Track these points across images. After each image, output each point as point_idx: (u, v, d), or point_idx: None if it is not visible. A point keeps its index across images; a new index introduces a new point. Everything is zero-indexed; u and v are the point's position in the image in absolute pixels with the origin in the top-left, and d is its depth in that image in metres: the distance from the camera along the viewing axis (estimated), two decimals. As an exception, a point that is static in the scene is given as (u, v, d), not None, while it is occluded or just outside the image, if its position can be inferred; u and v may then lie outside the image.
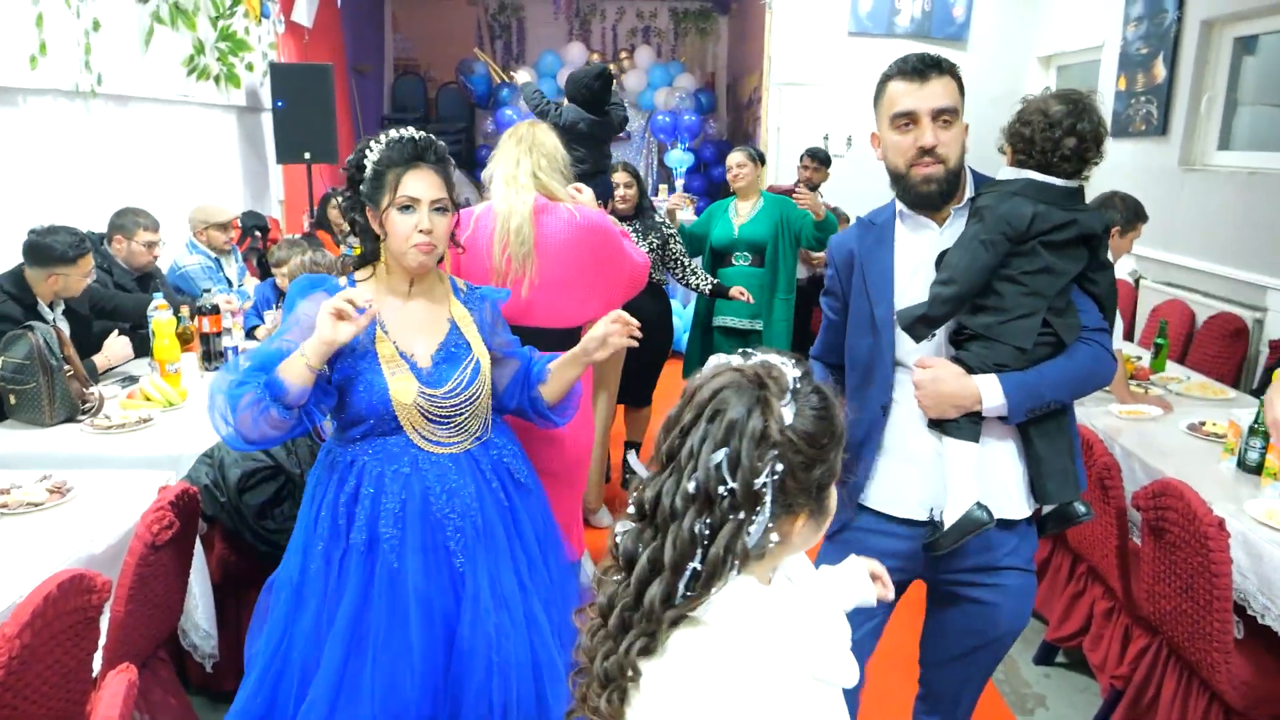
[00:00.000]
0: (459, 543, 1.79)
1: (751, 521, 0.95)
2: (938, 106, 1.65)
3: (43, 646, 1.58)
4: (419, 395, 1.78)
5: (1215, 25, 4.85)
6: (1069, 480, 1.70)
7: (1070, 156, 1.66)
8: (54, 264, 3.03)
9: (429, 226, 1.77)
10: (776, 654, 0.97)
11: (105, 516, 2.13)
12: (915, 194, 1.71)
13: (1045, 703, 2.74)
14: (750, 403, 0.96)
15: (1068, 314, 1.68)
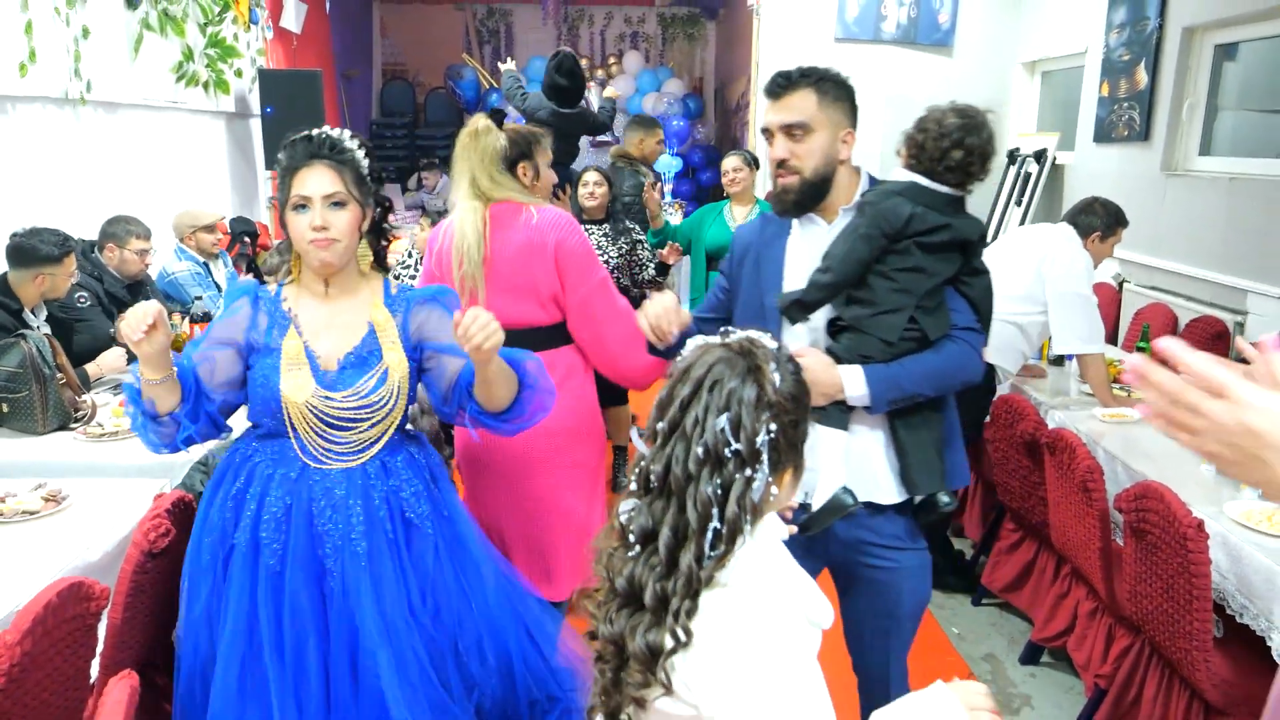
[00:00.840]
0: (335, 561, 1.78)
1: (754, 478, 1.07)
2: (786, 122, 1.76)
3: (43, 654, 1.60)
4: (313, 395, 1.76)
5: (1196, 32, 4.92)
6: (933, 471, 1.77)
7: (955, 167, 1.76)
8: (40, 264, 3.02)
9: (320, 223, 1.75)
10: (786, 603, 1.09)
11: (101, 524, 2.15)
12: (776, 201, 1.84)
13: (1031, 702, 2.78)
14: (744, 371, 1.09)
15: (937, 313, 1.77)
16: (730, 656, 1.04)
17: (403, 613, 1.80)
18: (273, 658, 1.75)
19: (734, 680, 1.03)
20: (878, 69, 6.63)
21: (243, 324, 1.83)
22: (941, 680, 1.12)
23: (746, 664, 1.03)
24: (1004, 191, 6.56)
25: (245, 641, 1.75)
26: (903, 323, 1.74)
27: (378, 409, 1.82)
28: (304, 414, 1.77)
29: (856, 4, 6.58)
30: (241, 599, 1.76)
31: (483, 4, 9.44)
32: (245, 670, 1.75)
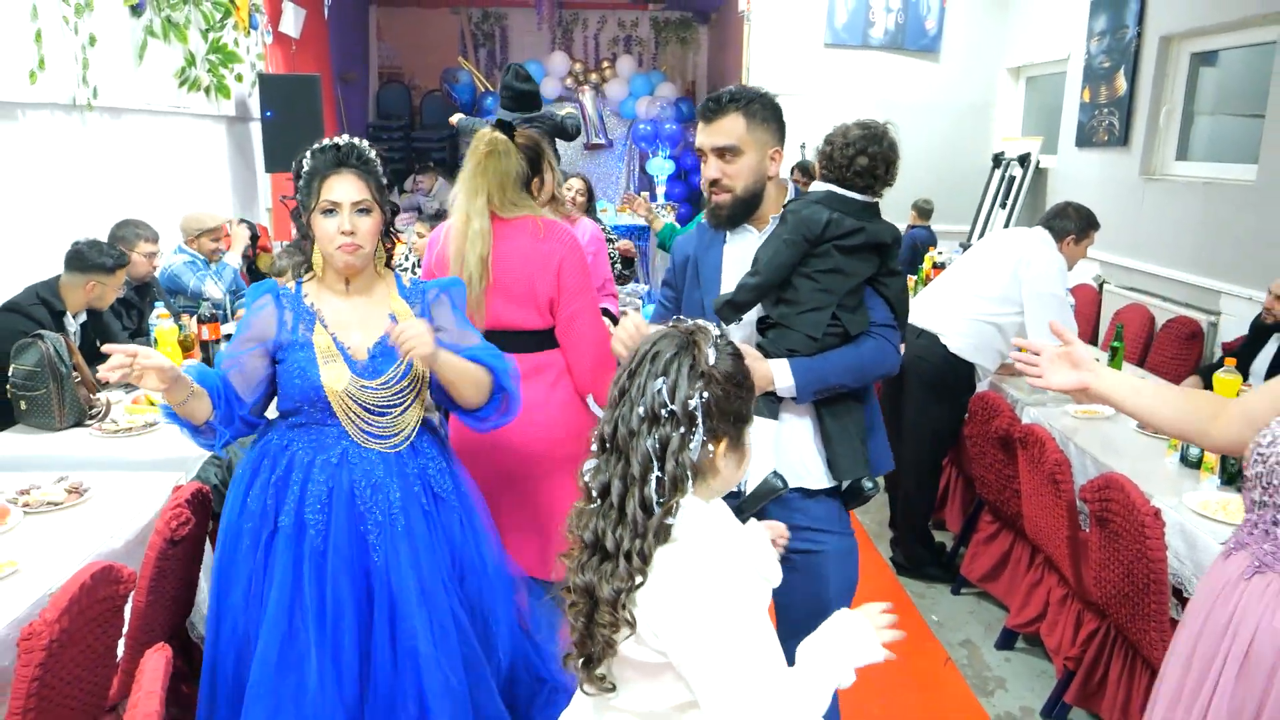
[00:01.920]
0: (378, 536, 1.91)
1: (691, 437, 1.23)
2: (718, 145, 1.90)
3: (78, 631, 1.72)
4: (350, 384, 1.89)
5: (1173, 40, 5.07)
6: (857, 458, 1.92)
7: (861, 172, 1.92)
8: (95, 271, 3.23)
9: (349, 228, 1.88)
10: (735, 556, 1.23)
11: (122, 515, 2.27)
12: (711, 215, 2.00)
13: (1005, 685, 2.91)
14: (681, 345, 1.26)
15: (858, 311, 1.93)
16: (686, 600, 1.18)
17: (439, 580, 1.95)
18: (315, 630, 1.86)
19: (691, 622, 1.17)
20: (866, 74, 6.77)
21: (270, 321, 1.94)
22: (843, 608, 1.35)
23: (701, 607, 1.17)
24: (989, 194, 6.70)
25: (287, 618, 1.86)
26: (825, 320, 1.89)
27: (408, 393, 1.97)
28: (344, 402, 1.90)
29: (845, 10, 6.72)
30: (285, 577, 1.87)
31: (478, 7, 9.55)
32: (286, 644, 1.86)
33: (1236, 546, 1.45)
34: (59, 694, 1.73)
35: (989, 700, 2.83)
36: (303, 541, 1.89)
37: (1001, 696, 2.85)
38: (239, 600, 1.91)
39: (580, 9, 9.53)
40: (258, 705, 1.83)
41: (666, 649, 1.19)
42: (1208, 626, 1.44)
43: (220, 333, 3.55)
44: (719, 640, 1.16)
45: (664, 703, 1.25)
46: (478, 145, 2.45)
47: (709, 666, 1.16)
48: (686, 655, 1.18)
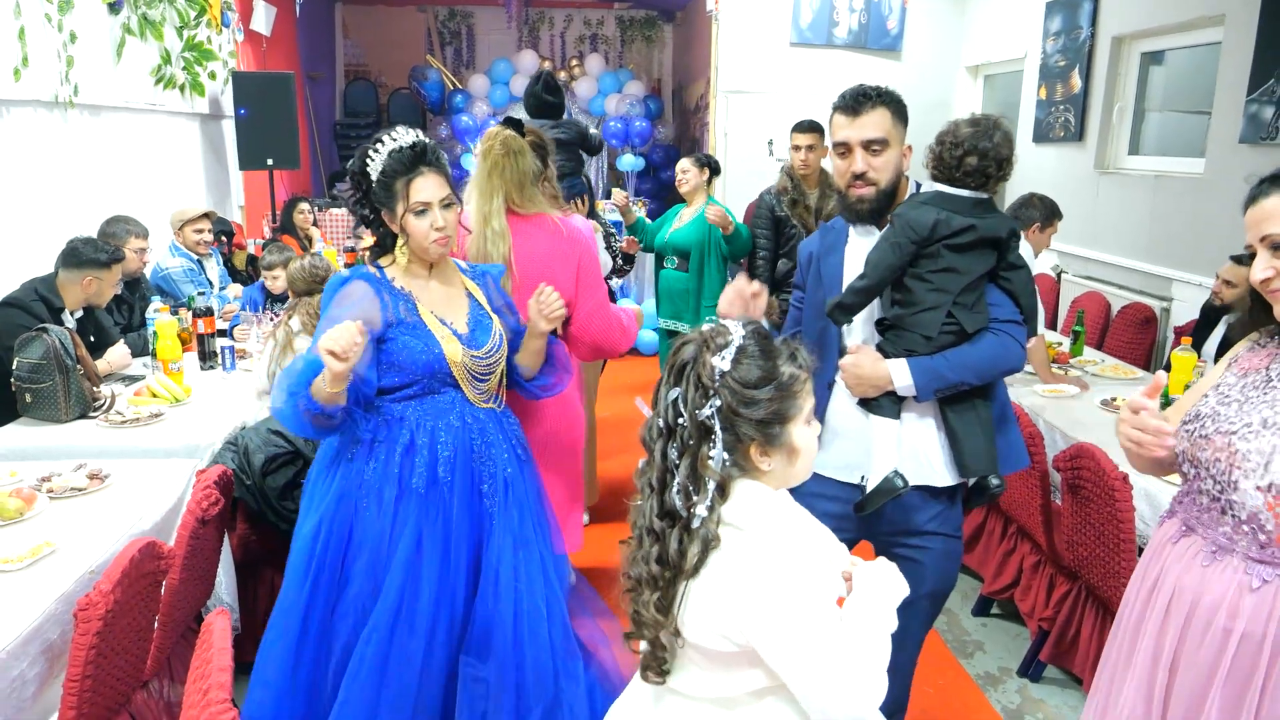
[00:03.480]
0: (490, 489, 2.06)
1: (710, 446, 1.26)
2: (867, 138, 1.93)
3: (127, 604, 1.81)
4: (464, 355, 2.04)
5: (1125, 40, 5.31)
6: (983, 455, 1.92)
7: (972, 172, 1.90)
8: (91, 267, 3.27)
9: (443, 224, 2.01)
10: (801, 542, 1.26)
11: (145, 499, 2.35)
12: (850, 210, 2.01)
13: (983, 647, 3.09)
14: (694, 354, 1.28)
15: (975, 308, 1.92)
16: (756, 586, 1.20)
17: (531, 529, 2.10)
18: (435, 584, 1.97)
19: (764, 606, 1.19)
20: (830, 72, 6.95)
21: (375, 304, 2.00)
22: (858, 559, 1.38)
23: (773, 590, 1.19)
24: (950, 188, 6.92)
25: (405, 571, 1.95)
26: (940, 319, 1.88)
27: (499, 361, 2.12)
28: (462, 371, 2.05)
29: (810, 10, 6.89)
30: (413, 535, 1.97)
31: (444, 5, 9.58)
32: (403, 598, 1.95)
33: (1169, 514, 1.60)
34: (110, 663, 1.81)
35: (969, 662, 3.01)
36: (432, 501, 1.99)
37: (981, 658, 3.03)
38: (363, 567, 1.97)
39: (546, 7, 9.61)
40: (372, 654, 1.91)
41: (743, 635, 1.21)
42: (1142, 585, 1.59)
43: (215, 326, 3.60)
44: (795, 621, 1.18)
45: (739, 689, 1.27)
46: (491, 145, 2.46)
47: (790, 648, 1.18)
48: (766, 640, 1.20)
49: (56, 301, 3.25)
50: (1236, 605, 1.40)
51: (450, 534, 2.00)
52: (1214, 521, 1.47)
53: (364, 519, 1.98)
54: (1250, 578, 1.40)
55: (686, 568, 1.25)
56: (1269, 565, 1.40)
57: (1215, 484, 1.46)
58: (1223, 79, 4.38)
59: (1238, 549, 1.43)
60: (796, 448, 1.30)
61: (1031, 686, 2.86)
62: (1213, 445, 1.46)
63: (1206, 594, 1.44)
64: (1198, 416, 1.52)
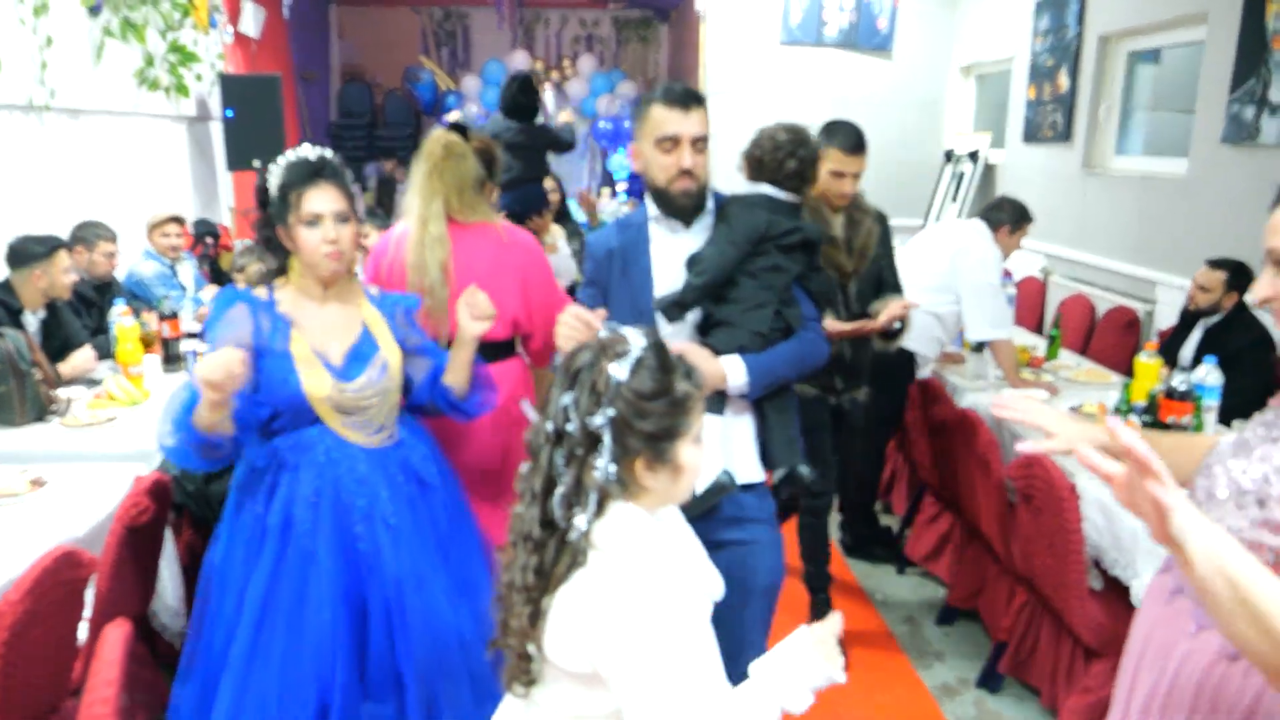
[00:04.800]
0: (365, 528, 1.97)
1: (596, 456, 1.22)
2: (696, 134, 1.93)
3: (40, 612, 1.79)
4: (333, 389, 1.95)
5: (1111, 40, 5.25)
6: (794, 447, 2.01)
7: (792, 174, 2.06)
8: (32, 262, 3.27)
9: (334, 237, 1.94)
10: (669, 568, 1.23)
11: (84, 504, 2.33)
12: (674, 206, 1.99)
13: (943, 658, 3.05)
14: (591, 361, 1.24)
15: (794, 305, 2.03)
16: (607, 612, 1.17)
17: (428, 563, 2.02)
18: (292, 629, 1.91)
19: (614, 634, 1.16)
20: (820, 71, 6.91)
21: (248, 327, 1.96)
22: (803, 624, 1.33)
23: (625, 619, 1.16)
24: (940, 189, 6.87)
25: (259, 614, 1.91)
26: (770, 316, 1.98)
27: (386, 395, 2.03)
28: (325, 407, 1.96)
29: (800, 9, 6.85)
30: (264, 575, 1.93)
31: (440, 6, 9.58)
32: (257, 641, 1.91)
33: (1163, 570, 1.51)
34: (24, 673, 1.80)
35: (928, 673, 2.97)
36: (288, 541, 1.93)
37: (939, 669, 2.99)
38: (231, 609, 1.95)
39: (541, 8, 9.60)
40: (229, 689, 1.90)
41: (593, 658, 1.19)
42: (1132, 640, 1.52)
43: (180, 330, 3.60)
44: (646, 653, 1.15)
45: (595, 710, 1.24)
46: (433, 148, 2.41)
47: (635, 680, 1.16)
48: (612, 667, 1.17)
49: (14, 304, 3.25)
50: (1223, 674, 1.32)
51: (313, 577, 1.93)
52: None
53: (227, 554, 1.96)
54: (1228, 645, 1.31)
55: (555, 581, 1.23)
56: None
57: None
58: (1206, 78, 4.32)
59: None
60: (682, 465, 1.27)
61: (989, 698, 2.82)
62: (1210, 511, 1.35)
63: (1188, 663, 1.37)
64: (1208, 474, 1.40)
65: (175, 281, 4.50)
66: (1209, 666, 1.33)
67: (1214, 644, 1.33)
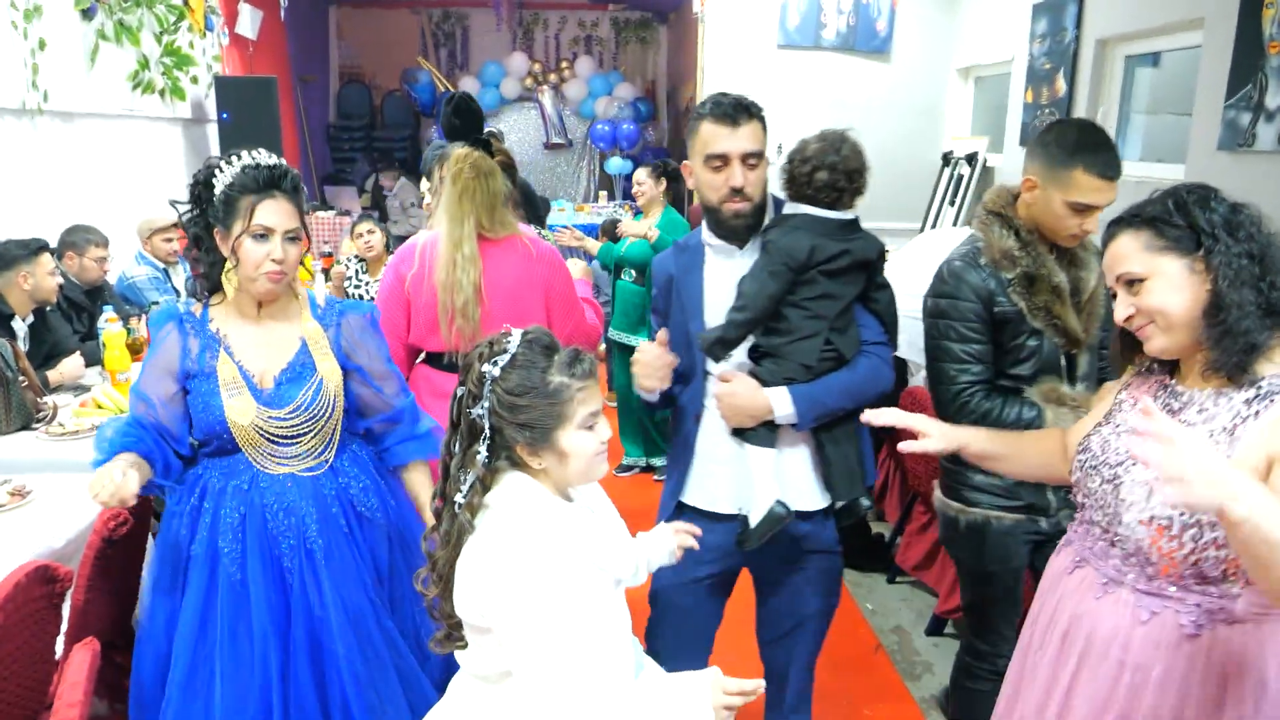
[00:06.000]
0: (293, 559, 1.88)
1: (479, 442, 1.39)
2: (746, 150, 1.83)
3: (14, 627, 1.78)
4: (258, 416, 1.84)
5: (1109, 43, 5.22)
6: (855, 479, 1.91)
7: (823, 187, 1.86)
8: (19, 263, 3.27)
9: (281, 256, 1.80)
10: (557, 537, 1.34)
11: (64, 515, 2.33)
12: (726, 226, 1.90)
13: (932, 669, 3.03)
14: (473, 359, 1.40)
15: (849, 331, 1.89)
16: (487, 564, 1.32)
17: (364, 598, 1.93)
18: (226, 660, 1.85)
19: (490, 586, 1.30)
20: (818, 75, 6.88)
21: (175, 351, 1.87)
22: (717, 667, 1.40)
23: (501, 573, 1.30)
24: (939, 192, 6.85)
25: (192, 647, 1.86)
26: (819, 346, 1.85)
27: (319, 419, 1.91)
28: (250, 434, 1.86)
29: (797, 12, 6.82)
30: (195, 605, 1.87)
31: (438, 7, 9.57)
32: (192, 672, 1.87)
33: (1066, 543, 1.58)
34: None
35: (915, 684, 2.95)
36: (217, 570, 1.87)
37: (928, 680, 2.97)
38: (160, 627, 1.92)
39: (540, 9, 9.58)
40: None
41: (480, 608, 1.33)
42: (1040, 615, 1.58)
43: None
44: (523, 600, 1.28)
45: (489, 667, 1.38)
46: (461, 167, 2.34)
47: (511, 627, 1.29)
48: (493, 613, 1.31)
49: (5, 309, 3.25)
50: (1128, 638, 1.40)
51: (244, 607, 1.86)
52: (1104, 553, 1.46)
53: (164, 585, 1.91)
54: (1140, 610, 1.39)
55: (451, 546, 1.39)
56: (1156, 597, 1.38)
57: (1104, 515, 1.45)
58: (1202, 83, 4.28)
59: (1126, 581, 1.42)
60: (565, 451, 1.39)
61: (977, 709, 2.80)
62: (1100, 476, 1.45)
63: (1100, 626, 1.44)
64: (1087, 447, 1.51)
65: (169, 286, 4.49)
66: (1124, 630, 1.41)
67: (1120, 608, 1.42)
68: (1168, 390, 1.44)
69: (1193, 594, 1.35)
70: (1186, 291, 1.35)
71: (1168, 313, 1.36)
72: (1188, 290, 1.35)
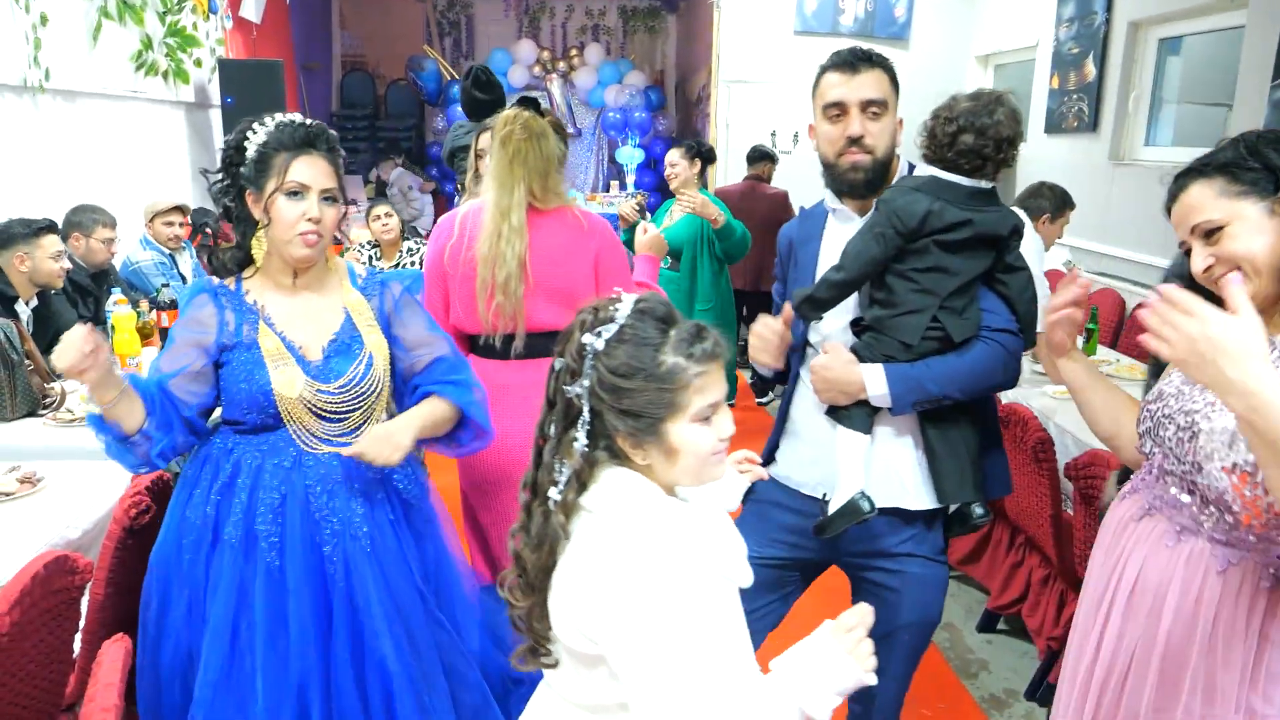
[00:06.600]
0: (335, 548, 1.75)
1: (576, 428, 1.15)
2: (866, 98, 1.70)
3: (30, 624, 1.62)
4: (305, 389, 1.72)
5: (1141, 26, 5.09)
6: (965, 480, 1.70)
7: (966, 152, 1.65)
8: (15, 244, 3.09)
9: (317, 215, 1.69)
10: (672, 540, 1.12)
11: (79, 504, 2.17)
12: (842, 181, 1.76)
13: (988, 666, 2.90)
14: (574, 328, 1.18)
15: (965, 313, 1.69)
16: (595, 578, 1.10)
17: (412, 590, 1.80)
18: (265, 652, 1.71)
19: (603, 602, 1.08)
20: (836, 62, 6.75)
21: (210, 324, 1.75)
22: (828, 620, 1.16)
23: (614, 587, 1.08)
24: (959, 182, 6.72)
25: (229, 638, 1.71)
26: (924, 324, 1.67)
27: (367, 396, 1.79)
28: (296, 408, 1.73)
29: (815, -3, 6.70)
30: (229, 594, 1.72)
31: (443, -5, 9.42)
32: (229, 666, 1.72)
33: (1131, 491, 1.51)
34: (12, 692, 1.64)
35: (973, 683, 2.81)
36: (253, 555, 1.72)
37: (985, 678, 2.83)
38: (180, 618, 1.76)
39: (547, -3, 9.44)
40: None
41: (588, 632, 1.11)
42: (1104, 565, 1.50)
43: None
44: (641, 617, 1.06)
45: (607, 697, 1.15)
46: (511, 129, 2.14)
47: (631, 644, 1.06)
48: (607, 635, 1.08)
49: (10, 291, 3.09)
50: (1202, 589, 1.34)
51: (281, 597, 1.72)
52: (1176, 502, 1.39)
53: (181, 567, 1.75)
54: (1215, 560, 1.33)
55: (543, 551, 1.16)
56: (1234, 548, 1.32)
57: (1179, 465, 1.38)
58: (1246, 65, 4.16)
59: (1204, 530, 1.35)
60: (675, 447, 1.15)
61: (1039, 711, 2.66)
62: (1175, 424, 1.38)
63: (1172, 576, 1.37)
64: (1160, 395, 1.44)
65: (174, 271, 4.33)
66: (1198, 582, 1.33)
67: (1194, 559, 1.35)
68: None
69: (1276, 545, 1.29)
70: (1271, 234, 1.31)
71: (1254, 256, 1.31)
72: (1272, 233, 1.31)
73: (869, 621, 1.15)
